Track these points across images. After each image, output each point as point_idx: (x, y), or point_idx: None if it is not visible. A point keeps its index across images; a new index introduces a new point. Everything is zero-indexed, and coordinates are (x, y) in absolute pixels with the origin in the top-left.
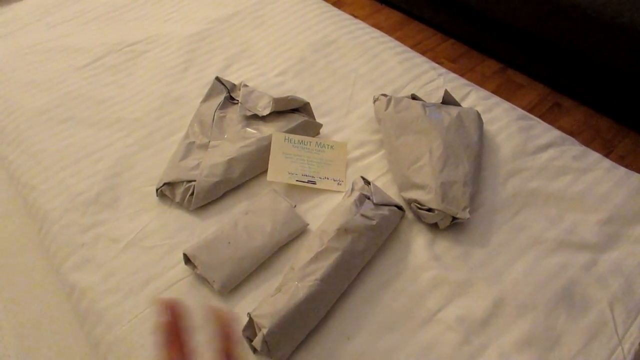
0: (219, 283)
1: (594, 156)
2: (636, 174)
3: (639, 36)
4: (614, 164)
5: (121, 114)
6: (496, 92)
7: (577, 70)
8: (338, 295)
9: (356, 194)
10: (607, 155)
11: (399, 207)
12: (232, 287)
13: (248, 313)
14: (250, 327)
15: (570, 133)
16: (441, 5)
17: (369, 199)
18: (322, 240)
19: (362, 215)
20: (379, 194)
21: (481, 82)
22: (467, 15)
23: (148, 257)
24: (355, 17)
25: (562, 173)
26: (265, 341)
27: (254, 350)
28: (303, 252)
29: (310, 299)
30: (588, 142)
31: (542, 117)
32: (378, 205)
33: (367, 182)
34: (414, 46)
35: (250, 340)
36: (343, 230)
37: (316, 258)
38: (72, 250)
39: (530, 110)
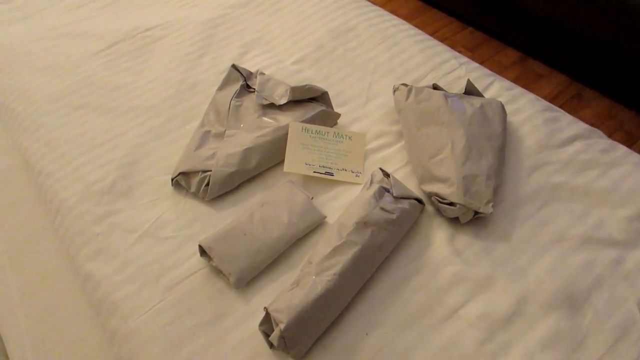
0: (235, 276)
1: (622, 150)
2: None
3: None
4: None
5: (136, 101)
6: (515, 82)
7: (599, 60)
8: (356, 290)
9: (375, 186)
10: (629, 146)
11: (419, 201)
12: (248, 280)
13: (265, 307)
14: (267, 322)
15: (592, 124)
16: None
17: (388, 191)
18: (341, 233)
19: (382, 208)
20: (399, 187)
21: (500, 72)
22: (486, 3)
23: (163, 248)
24: (373, 3)
25: (588, 167)
26: (282, 337)
27: (271, 345)
28: (321, 245)
29: (328, 294)
30: (610, 134)
31: (562, 107)
32: (398, 198)
33: (387, 174)
34: (432, 34)
35: (267, 335)
36: (362, 224)
37: (334, 252)
38: (86, 240)
39: (551, 100)
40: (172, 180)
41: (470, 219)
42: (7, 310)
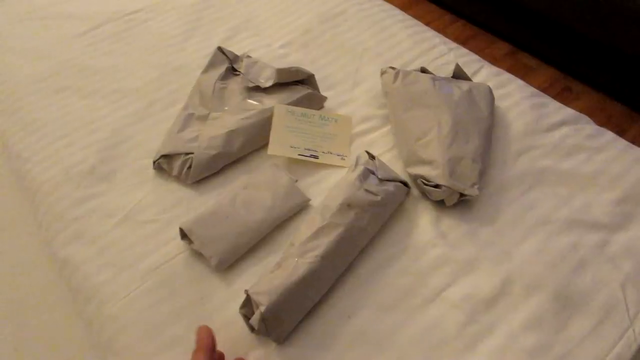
0: (216, 259)
1: (609, 136)
2: None
3: None
4: (629, 144)
5: (119, 84)
6: None
7: (589, 54)
8: (339, 272)
9: (360, 168)
10: None
11: (404, 183)
12: (230, 263)
13: (245, 290)
14: (248, 305)
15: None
16: None
17: (373, 174)
18: (324, 215)
19: (366, 190)
20: (384, 169)
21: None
22: None
23: (143, 231)
24: None
25: (575, 152)
26: (263, 319)
27: (252, 329)
28: (304, 227)
29: (310, 276)
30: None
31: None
32: (383, 180)
33: (372, 157)
34: None
35: (247, 319)
36: (346, 206)
37: (317, 234)
38: (64, 224)
39: None
40: (153, 163)
41: (455, 202)
42: None
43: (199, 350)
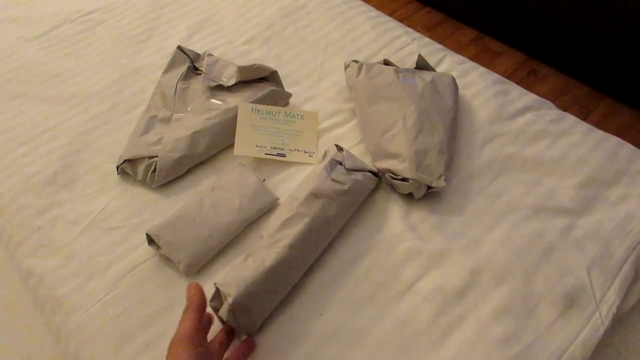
0: (185, 263)
1: (571, 120)
2: (613, 137)
3: (613, 2)
4: (591, 127)
5: (78, 87)
6: (473, 59)
7: (553, 36)
8: (309, 263)
9: (327, 159)
10: (583, 120)
11: (374, 174)
12: (199, 267)
13: (215, 283)
14: (217, 298)
15: (547, 99)
16: None
17: (340, 164)
18: (292, 206)
19: (333, 179)
20: (352, 160)
21: (458, 50)
22: None
23: (109, 238)
24: None
25: (539, 137)
26: (231, 310)
27: (223, 321)
28: (272, 219)
29: (279, 266)
30: (564, 108)
31: (518, 84)
32: (350, 170)
33: (340, 149)
34: (390, 14)
35: (217, 311)
36: (312, 195)
37: (285, 224)
38: (27, 234)
39: (507, 77)
40: (117, 168)
41: (424, 195)
42: None
43: (189, 308)
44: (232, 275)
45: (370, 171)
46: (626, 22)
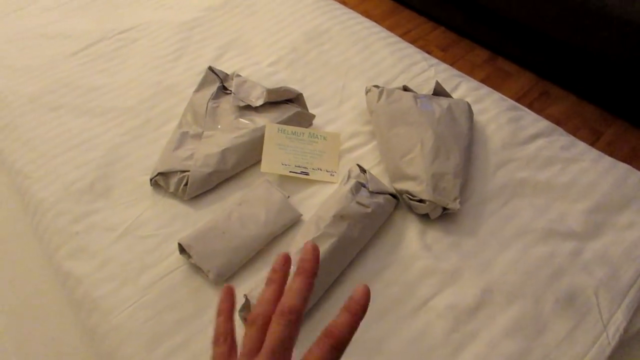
0: (214, 272)
1: (581, 146)
2: (622, 164)
3: (625, 24)
4: (600, 153)
5: (114, 102)
6: (485, 80)
7: (565, 58)
8: (333, 280)
9: (352, 181)
10: (594, 142)
11: (394, 196)
12: (227, 276)
13: (245, 294)
14: (246, 308)
15: (558, 121)
16: None
17: (364, 186)
18: (319, 226)
19: (358, 202)
20: (374, 182)
21: (471, 71)
22: (457, 3)
23: (142, 246)
24: (345, 4)
25: (550, 163)
26: None
27: None
28: (299, 237)
29: None
30: (575, 130)
31: (530, 105)
32: (373, 193)
33: (363, 170)
34: (405, 34)
35: (245, 320)
36: (339, 217)
37: None
38: (65, 239)
39: (519, 98)
40: (150, 180)
41: (439, 215)
42: None
43: (219, 314)
44: (261, 288)
45: (390, 193)
46: (638, 46)
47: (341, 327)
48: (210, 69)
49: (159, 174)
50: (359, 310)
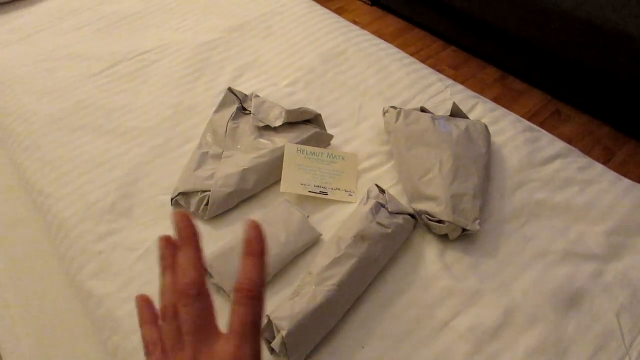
0: None
1: (599, 168)
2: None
3: (637, 45)
4: (618, 175)
5: (135, 123)
6: (497, 99)
7: (577, 78)
8: (354, 300)
9: (372, 202)
10: (606, 162)
11: (413, 216)
12: None
13: (267, 315)
14: (269, 329)
15: (571, 140)
16: (442, 13)
17: (384, 207)
18: (340, 246)
19: (378, 223)
20: (394, 203)
21: (483, 90)
22: (468, 23)
23: None
24: (357, 23)
25: (568, 185)
26: (284, 343)
27: (272, 351)
28: (320, 257)
29: (327, 304)
30: (588, 150)
31: (542, 124)
32: (393, 213)
33: (382, 191)
34: (416, 53)
35: (268, 342)
36: (360, 238)
37: (334, 264)
38: (88, 259)
39: (531, 117)
40: (172, 200)
41: (458, 236)
42: (7, 328)
43: (141, 325)
44: (284, 310)
45: (409, 214)
46: None
47: (249, 274)
48: (230, 90)
49: (180, 194)
50: (257, 248)
